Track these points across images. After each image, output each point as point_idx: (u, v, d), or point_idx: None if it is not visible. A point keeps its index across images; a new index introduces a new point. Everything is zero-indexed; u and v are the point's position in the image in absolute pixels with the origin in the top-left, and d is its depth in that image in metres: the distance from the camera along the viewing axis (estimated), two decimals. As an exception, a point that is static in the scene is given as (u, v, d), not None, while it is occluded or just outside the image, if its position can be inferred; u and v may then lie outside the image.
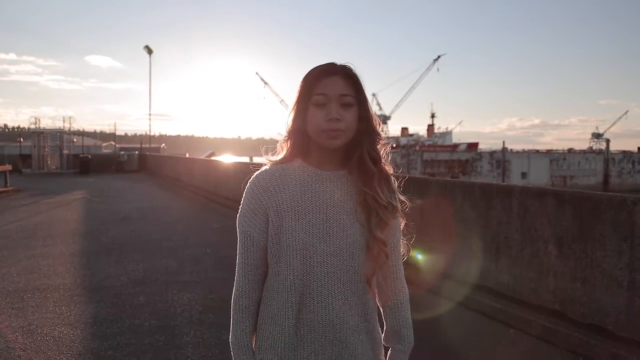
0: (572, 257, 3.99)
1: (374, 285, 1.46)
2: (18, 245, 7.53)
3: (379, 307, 1.52)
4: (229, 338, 1.47)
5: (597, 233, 3.81)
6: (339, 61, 1.40)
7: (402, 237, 1.54)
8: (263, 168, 1.46)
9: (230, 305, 1.46)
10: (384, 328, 1.52)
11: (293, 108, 1.39)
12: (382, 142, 1.45)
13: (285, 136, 1.43)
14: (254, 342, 1.46)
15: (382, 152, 1.45)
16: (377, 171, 1.41)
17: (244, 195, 1.45)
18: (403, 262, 1.55)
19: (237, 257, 1.44)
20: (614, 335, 3.65)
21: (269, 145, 1.49)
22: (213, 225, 9.71)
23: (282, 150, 1.45)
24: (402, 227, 1.52)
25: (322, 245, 1.35)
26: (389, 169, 1.46)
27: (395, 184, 1.47)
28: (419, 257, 2.88)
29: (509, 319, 4.28)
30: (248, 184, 1.45)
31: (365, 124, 1.39)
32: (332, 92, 1.34)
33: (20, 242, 7.84)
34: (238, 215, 1.45)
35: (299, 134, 1.39)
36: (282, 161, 1.44)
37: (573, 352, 3.69)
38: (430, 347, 3.81)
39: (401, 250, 1.53)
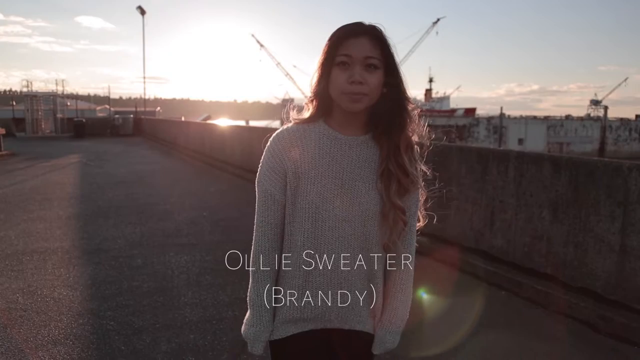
0: (565, 222, 4.04)
1: (391, 251, 1.45)
2: (15, 209, 7.54)
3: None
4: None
5: (592, 198, 3.84)
6: (365, 20, 1.34)
7: (420, 211, 1.51)
8: (285, 127, 1.44)
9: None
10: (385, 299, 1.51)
11: (317, 68, 1.37)
12: (412, 107, 1.40)
13: (310, 97, 1.40)
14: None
15: (412, 119, 1.40)
16: (404, 137, 1.38)
17: (264, 153, 1.44)
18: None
19: (256, 216, 1.43)
20: (602, 298, 3.74)
21: (293, 103, 1.47)
22: (209, 189, 9.73)
23: (307, 110, 1.42)
24: (421, 200, 1.49)
25: (334, 211, 1.35)
26: (415, 138, 1.43)
27: (418, 154, 1.44)
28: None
29: (502, 281, 4.36)
30: (269, 142, 1.43)
31: (393, 89, 1.35)
32: (357, 53, 1.30)
33: (17, 205, 7.84)
34: (258, 173, 1.43)
35: (323, 95, 1.36)
36: (306, 121, 1.42)
37: (562, 313, 3.78)
38: (422, 307, 3.89)
39: (416, 224, 1.50)
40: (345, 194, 1.35)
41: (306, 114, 1.42)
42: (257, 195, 1.43)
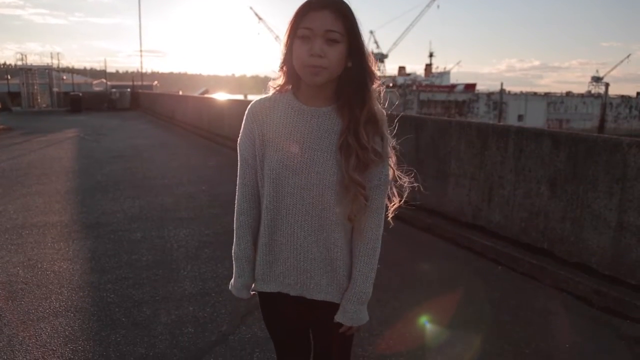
0: (563, 198, 4.05)
1: (354, 223, 1.49)
2: (13, 184, 7.53)
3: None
4: (232, 255, 1.58)
5: (590, 174, 3.84)
6: None
7: (391, 186, 1.54)
8: (259, 97, 1.53)
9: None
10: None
11: (284, 41, 1.41)
12: (377, 82, 1.43)
13: (280, 64, 1.45)
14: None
15: (375, 93, 1.43)
16: (365, 112, 1.40)
17: (243, 121, 1.53)
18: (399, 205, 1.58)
19: (237, 178, 1.54)
20: (597, 273, 3.78)
21: (274, 79, 1.51)
22: (208, 163, 9.71)
23: (280, 78, 1.49)
24: (390, 176, 1.51)
25: (293, 178, 1.42)
26: (380, 112, 1.44)
27: (387, 131, 1.46)
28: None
29: (498, 256, 4.40)
30: (246, 111, 1.52)
31: (356, 63, 1.37)
32: (318, 27, 1.32)
33: (15, 180, 7.83)
34: (238, 139, 1.54)
35: (289, 67, 1.42)
36: (280, 88, 1.48)
37: (557, 288, 3.82)
38: (420, 282, 3.94)
39: (384, 200, 1.52)
40: (304, 163, 1.41)
41: (279, 81, 1.48)
42: (238, 160, 1.54)
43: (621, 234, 3.64)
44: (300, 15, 1.34)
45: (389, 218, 1.62)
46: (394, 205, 1.58)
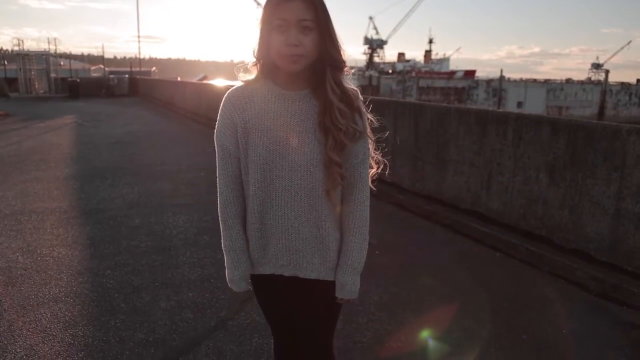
0: (562, 185, 4.05)
1: (336, 199, 1.54)
2: (11, 170, 7.51)
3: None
4: (224, 252, 1.59)
5: (589, 162, 3.84)
6: None
7: (373, 158, 1.62)
8: (236, 86, 1.55)
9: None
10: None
11: (258, 33, 1.45)
12: (346, 66, 1.50)
13: (254, 61, 1.49)
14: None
15: (340, 77, 1.48)
16: (338, 93, 1.46)
17: (219, 111, 1.54)
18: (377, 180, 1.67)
19: (217, 170, 1.55)
20: (595, 259, 3.79)
21: (242, 65, 1.54)
22: (206, 149, 9.68)
23: (253, 72, 1.53)
24: (370, 149, 1.58)
25: (280, 161, 1.46)
26: (353, 90, 1.50)
27: (363, 106, 1.52)
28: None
29: (497, 243, 4.42)
30: (222, 100, 1.53)
31: (326, 48, 1.43)
32: (290, 17, 1.37)
33: (14, 166, 7.81)
34: (215, 130, 1.54)
35: (265, 58, 1.45)
36: (253, 82, 1.52)
37: (555, 274, 3.84)
38: (418, 268, 3.95)
39: (368, 173, 1.59)
40: (290, 145, 1.45)
41: (251, 75, 1.52)
42: (216, 151, 1.54)
43: (619, 221, 3.65)
44: (273, 8, 1.38)
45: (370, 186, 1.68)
46: (371, 172, 1.66)
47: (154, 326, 2.98)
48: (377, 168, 1.67)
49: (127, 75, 31.86)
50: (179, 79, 31.69)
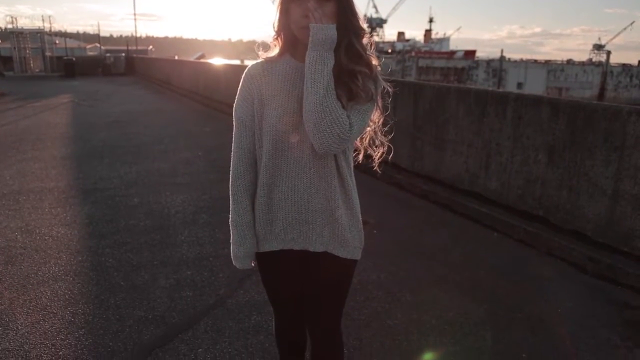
0: (561, 166, 4.05)
1: (345, 172, 1.53)
2: (8, 149, 7.48)
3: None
4: (228, 221, 1.59)
5: (589, 142, 3.83)
6: None
7: (376, 135, 1.63)
8: (255, 62, 1.56)
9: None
10: None
11: (277, 6, 1.46)
12: (366, 36, 1.49)
13: (275, 35, 1.51)
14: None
15: (363, 44, 1.48)
16: (360, 61, 1.44)
17: (239, 86, 1.55)
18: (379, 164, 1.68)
19: (233, 143, 1.55)
20: (591, 240, 3.82)
21: (264, 43, 1.56)
22: (204, 129, 9.65)
23: (275, 47, 1.53)
24: (375, 117, 1.57)
25: (293, 133, 1.47)
26: (374, 60, 1.50)
27: (380, 77, 1.51)
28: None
29: (494, 223, 4.44)
30: (242, 75, 1.55)
31: (346, 18, 1.42)
32: None
33: (10, 145, 7.77)
34: (234, 105, 1.56)
35: (285, 31, 1.47)
36: (272, 58, 1.53)
37: (551, 255, 3.87)
38: (416, 247, 3.98)
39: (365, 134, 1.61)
40: (303, 117, 1.43)
41: (274, 52, 1.52)
42: (234, 124, 1.55)
43: (616, 202, 3.66)
44: None
45: (375, 167, 1.71)
46: (377, 155, 1.68)
47: (153, 304, 3.01)
48: (383, 149, 1.67)
49: (123, 54, 31.52)
50: (176, 57, 31.35)
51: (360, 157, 1.72)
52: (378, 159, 1.70)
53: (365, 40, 1.48)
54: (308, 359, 1.88)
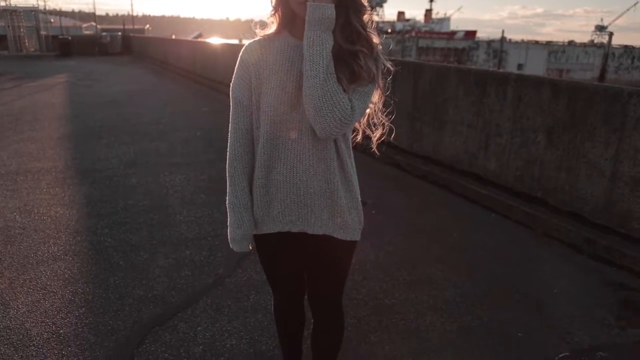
0: (560, 147, 4.04)
1: (345, 154, 1.51)
2: (5, 129, 7.43)
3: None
4: (226, 202, 1.58)
5: (588, 124, 3.82)
6: None
7: (377, 116, 1.60)
8: (252, 40, 1.51)
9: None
10: None
11: None
12: (367, 13, 1.44)
13: (272, 10, 1.46)
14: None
15: (367, 22, 1.43)
16: (360, 39, 1.39)
17: (236, 64, 1.51)
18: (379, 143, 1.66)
19: (230, 123, 1.52)
20: (589, 221, 3.83)
21: (262, 21, 1.52)
22: (202, 109, 9.59)
23: (272, 24, 1.48)
24: (375, 97, 1.53)
25: (291, 112, 1.42)
26: (375, 38, 1.45)
27: (382, 55, 1.46)
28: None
29: (492, 204, 4.45)
30: (240, 52, 1.51)
31: None
32: None
33: (7, 126, 7.72)
34: (231, 84, 1.52)
35: (283, 7, 1.42)
36: (271, 35, 1.48)
37: (549, 236, 3.89)
38: (414, 228, 3.99)
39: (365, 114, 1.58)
40: (301, 96, 1.39)
41: (271, 29, 1.48)
42: (230, 104, 1.52)
43: (615, 184, 3.66)
44: None
45: (373, 149, 1.70)
46: (376, 135, 1.65)
47: (153, 283, 3.02)
48: (383, 130, 1.64)
49: (120, 33, 31.10)
50: (173, 37, 30.98)
51: (359, 137, 1.70)
52: (377, 140, 1.67)
53: (366, 17, 1.43)
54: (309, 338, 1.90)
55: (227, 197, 1.58)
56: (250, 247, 1.64)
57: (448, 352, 2.45)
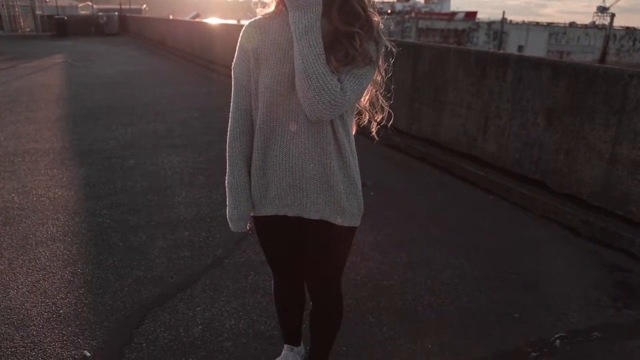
0: (559, 129, 4.03)
1: (342, 138, 1.47)
2: (1, 111, 7.37)
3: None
4: (224, 182, 1.58)
5: (589, 106, 3.80)
6: None
7: (377, 99, 1.58)
8: (252, 19, 1.49)
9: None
10: None
11: None
12: None
13: None
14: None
15: (366, 2, 1.39)
16: (360, 20, 1.36)
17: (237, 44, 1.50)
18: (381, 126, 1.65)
19: (231, 104, 1.51)
20: (587, 204, 3.84)
21: (260, 1, 1.49)
22: (200, 90, 9.52)
23: (272, 3, 1.45)
24: (377, 79, 1.51)
25: (289, 94, 1.40)
26: (375, 18, 1.41)
27: (382, 36, 1.42)
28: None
29: (491, 186, 4.45)
30: (241, 32, 1.49)
31: None
32: None
33: (3, 107, 7.65)
34: (232, 64, 1.51)
35: None
36: (271, 14, 1.45)
37: (546, 218, 3.90)
38: (413, 209, 4.00)
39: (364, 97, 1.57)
40: None
41: (271, 7, 1.45)
42: (232, 85, 1.50)
43: (613, 166, 3.66)
44: None
45: (372, 133, 1.68)
46: (375, 121, 1.64)
47: (152, 264, 3.04)
48: (383, 114, 1.62)
49: (116, 13, 30.67)
50: (170, 17, 30.58)
51: (365, 120, 1.65)
52: (377, 125, 1.65)
53: None
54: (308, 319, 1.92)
55: (225, 178, 1.58)
56: (248, 228, 1.64)
57: (445, 333, 2.48)
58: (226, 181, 1.58)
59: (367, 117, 1.64)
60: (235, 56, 1.49)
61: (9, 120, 6.73)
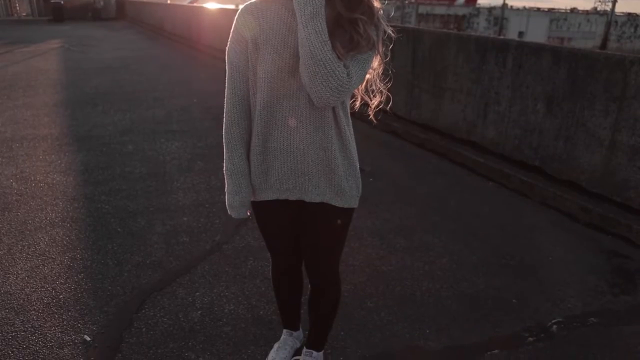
0: (559, 116, 4.01)
1: (342, 122, 1.48)
2: (-2, 95, 7.33)
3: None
4: (223, 169, 1.57)
5: (589, 92, 3.78)
6: None
7: (376, 83, 1.58)
8: (249, 2, 1.45)
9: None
10: None
11: None
12: None
13: None
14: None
15: None
16: (360, 5, 1.35)
17: (232, 27, 1.47)
18: (378, 111, 1.64)
19: (226, 89, 1.49)
20: (586, 191, 3.84)
21: None
22: (199, 75, 9.45)
23: None
24: (375, 63, 1.51)
25: (289, 79, 1.39)
26: (376, 3, 1.40)
27: (383, 21, 1.42)
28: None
29: (490, 172, 4.45)
30: (236, 15, 1.46)
31: None
32: None
33: (0, 92, 7.60)
34: (226, 47, 1.48)
35: None
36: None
37: (545, 204, 3.91)
38: (412, 195, 4.00)
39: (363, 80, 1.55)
40: (299, 63, 1.35)
41: None
42: (226, 69, 1.48)
43: (613, 153, 3.65)
44: None
45: (370, 117, 1.68)
46: (374, 103, 1.64)
47: (151, 249, 3.04)
48: (381, 98, 1.62)
49: (113, -3, 30.34)
50: (168, 1, 30.21)
51: (357, 104, 1.67)
52: (375, 108, 1.65)
53: None
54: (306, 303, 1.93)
55: (224, 164, 1.57)
56: (249, 214, 1.64)
57: (443, 318, 2.49)
58: (224, 168, 1.57)
59: (361, 101, 1.65)
60: (229, 40, 1.46)
61: (6, 106, 6.69)
